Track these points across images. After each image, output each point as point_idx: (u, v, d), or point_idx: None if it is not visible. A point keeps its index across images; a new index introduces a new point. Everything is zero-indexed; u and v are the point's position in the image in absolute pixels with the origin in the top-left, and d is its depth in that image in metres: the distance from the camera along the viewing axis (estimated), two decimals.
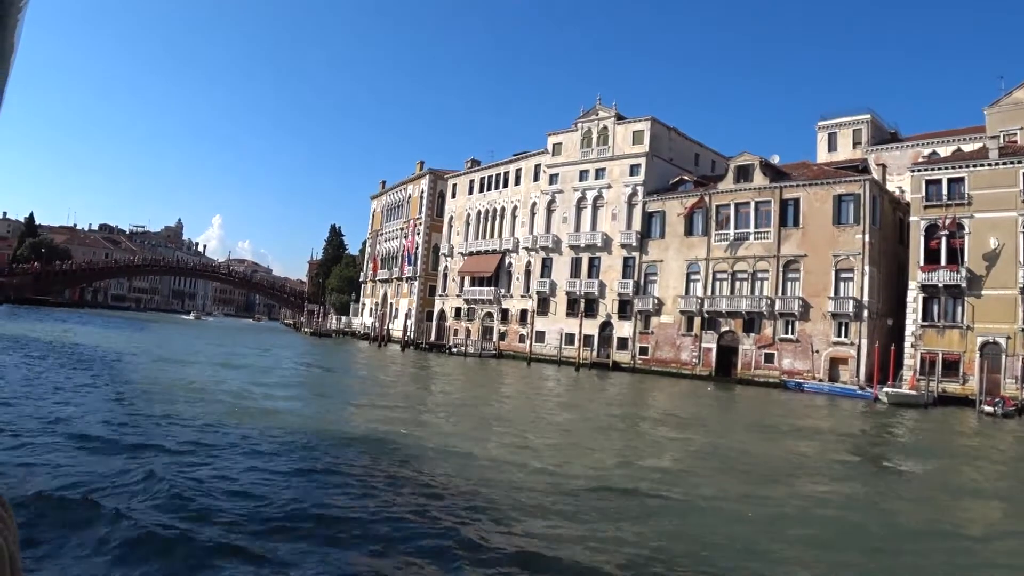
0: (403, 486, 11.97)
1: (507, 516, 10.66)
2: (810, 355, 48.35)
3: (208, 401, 20.67)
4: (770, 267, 51.62)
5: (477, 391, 34.46)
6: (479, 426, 20.95)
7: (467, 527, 9.62)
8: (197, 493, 10.40)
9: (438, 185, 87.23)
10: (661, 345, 57.23)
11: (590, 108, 66.90)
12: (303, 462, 13.35)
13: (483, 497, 11.49)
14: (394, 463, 13.92)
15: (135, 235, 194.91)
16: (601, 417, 26.19)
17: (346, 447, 15.22)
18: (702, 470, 15.79)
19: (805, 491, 14.16)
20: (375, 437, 16.91)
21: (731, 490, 13.57)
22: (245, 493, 10.64)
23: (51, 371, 25.37)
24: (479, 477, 12.96)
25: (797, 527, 11.00)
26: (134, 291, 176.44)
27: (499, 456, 15.44)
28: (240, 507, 9.82)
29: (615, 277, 61.53)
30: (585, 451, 17.53)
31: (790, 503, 12.72)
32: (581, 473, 14.25)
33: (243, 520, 9.26)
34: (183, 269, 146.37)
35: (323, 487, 11.38)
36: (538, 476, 13.55)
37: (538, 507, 11.38)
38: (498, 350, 68.89)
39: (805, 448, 21.01)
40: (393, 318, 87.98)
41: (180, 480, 11.00)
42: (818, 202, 50.06)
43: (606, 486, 13.08)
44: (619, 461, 16.33)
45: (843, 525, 11.41)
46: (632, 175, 61.90)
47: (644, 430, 23.19)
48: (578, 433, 21.11)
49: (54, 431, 14.27)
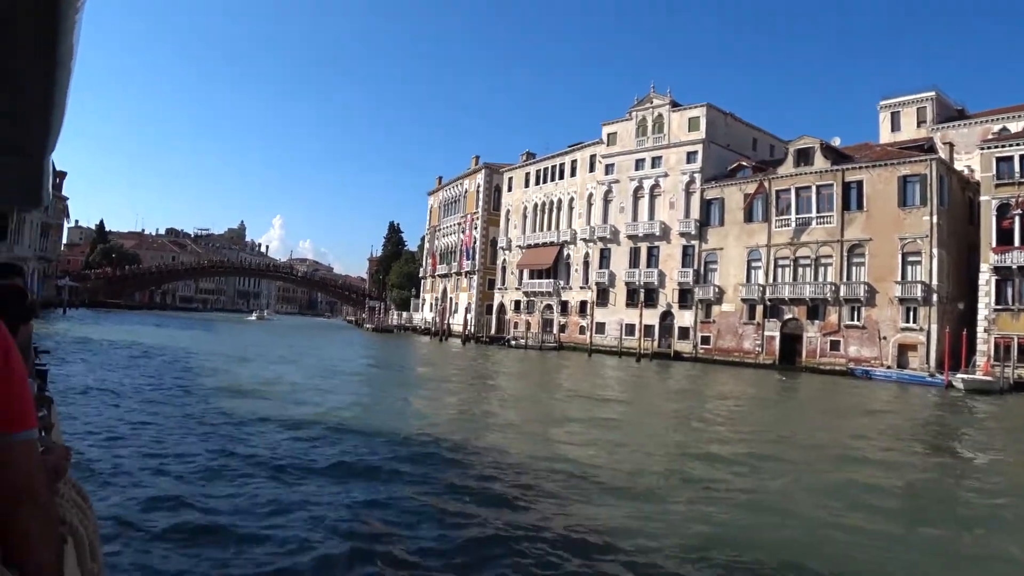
0: (477, 477, 12.01)
1: (582, 504, 10.74)
2: (877, 342, 47.23)
3: (285, 400, 20.99)
4: (834, 252, 50.53)
5: (540, 384, 34.51)
6: (546, 418, 20.96)
7: (547, 519, 9.61)
8: (285, 483, 10.59)
9: (494, 179, 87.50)
10: (723, 334, 56.56)
11: (644, 96, 66.35)
12: (365, 454, 13.50)
13: (558, 486, 11.48)
14: (470, 457, 14.00)
15: (200, 238, 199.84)
16: (674, 408, 26.01)
17: (421, 441, 15.36)
18: (787, 462, 15.49)
19: (893, 483, 13.80)
20: (447, 431, 17.07)
21: (815, 482, 13.30)
22: (324, 484, 10.77)
23: (146, 375, 26.03)
24: (552, 470, 12.90)
25: (881, 523, 10.73)
26: (201, 292, 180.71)
27: (570, 448, 15.39)
28: (320, 498, 9.94)
29: (674, 266, 60.99)
30: (668, 443, 17.35)
31: (873, 496, 12.41)
32: (666, 467, 14.10)
33: (324, 512, 9.37)
34: (247, 269, 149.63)
35: (399, 484, 11.45)
36: (614, 469, 13.46)
37: (613, 496, 11.42)
38: (558, 342, 68.92)
39: (891, 437, 20.49)
40: (453, 312, 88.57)
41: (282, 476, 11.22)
42: (882, 184, 48.78)
43: (697, 478, 12.93)
44: (699, 452, 16.13)
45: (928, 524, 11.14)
46: (689, 162, 61.24)
47: (722, 421, 22.83)
48: (655, 424, 20.89)
49: (144, 433, 14.67)
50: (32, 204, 7.83)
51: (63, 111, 3.63)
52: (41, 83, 2.99)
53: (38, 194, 6.72)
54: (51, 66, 2.71)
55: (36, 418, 1.56)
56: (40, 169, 5.45)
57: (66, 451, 2.86)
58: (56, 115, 3.63)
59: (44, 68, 2.75)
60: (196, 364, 32.13)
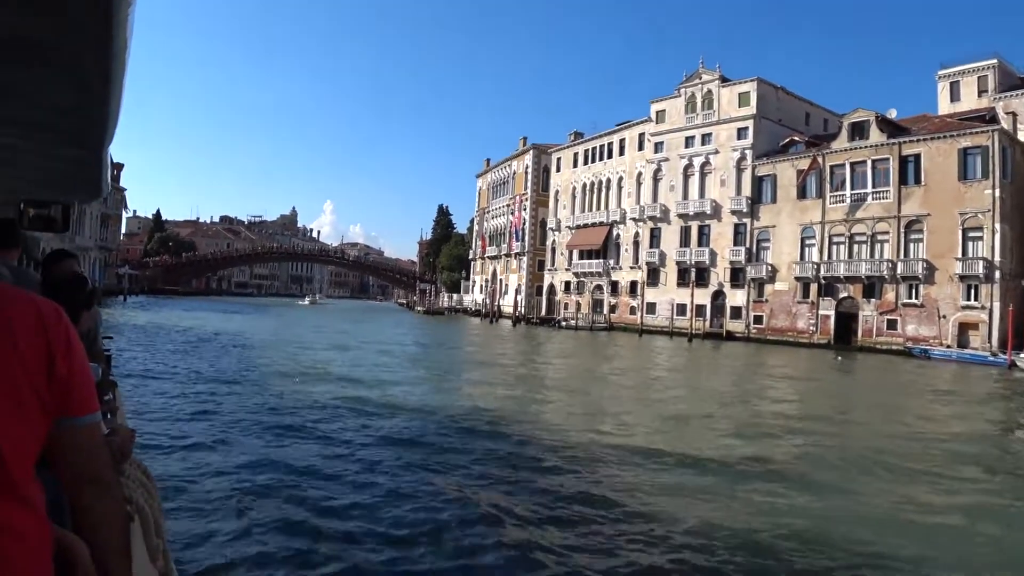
0: (537, 460, 12.02)
1: (642, 476, 10.83)
2: (936, 320, 46.02)
3: (343, 381, 21.18)
4: (890, 228, 49.31)
5: (592, 364, 34.32)
6: (601, 398, 20.84)
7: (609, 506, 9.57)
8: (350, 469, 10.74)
9: (542, 160, 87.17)
10: (776, 313, 55.73)
11: (693, 72, 65.36)
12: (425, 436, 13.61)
13: (617, 461, 11.41)
14: (529, 430, 14.06)
15: (253, 225, 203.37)
16: (731, 389, 25.61)
17: (484, 419, 15.47)
18: (854, 443, 15.15)
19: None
20: (504, 409, 17.20)
21: (884, 465, 12.91)
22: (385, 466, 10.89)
23: (216, 359, 26.53)
24: (610, 446, 12.81)
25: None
26: (255, 278, 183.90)
27: (628, 427, 15.27)
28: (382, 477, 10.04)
29: (726, 245, 60.19)
30: (731, 424, 17.01)
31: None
32: (728, 447, 13.80)
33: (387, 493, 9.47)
34: (299, 255, 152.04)
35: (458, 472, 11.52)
36: (670, 447, 13.35)
37: (670, 474, 11.40)
38: (608, 323, 68.70)
39: (958, 419, 19.97)
40: (503, 294, 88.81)
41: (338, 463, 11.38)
42: (941, 157, 47.34)
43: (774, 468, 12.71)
44: (763, 432, 15.88)
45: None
46: (740, 139, 60.22)
47: (780, 401, 22.40)
48: (711, 405, 20.50)
49: (205, 414, 14.99)
50: (92, 195, 8.13)
51: (119, 103, 3.75)
52: (99, 75, 3.08)
53: (98, 185, 6.98)
54: (106, 59, 2.81)
55: (99, 402, 1.61)
56: (99, 161, 5.67)
57: (131, 433, 2.95)
58: (112, 107, 3.73)
59: (100, 61, 2.84)
60: (253, 347, 32.83)
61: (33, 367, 1.40)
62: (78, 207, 18.23)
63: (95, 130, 4.38)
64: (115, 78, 3.13)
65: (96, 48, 2.68)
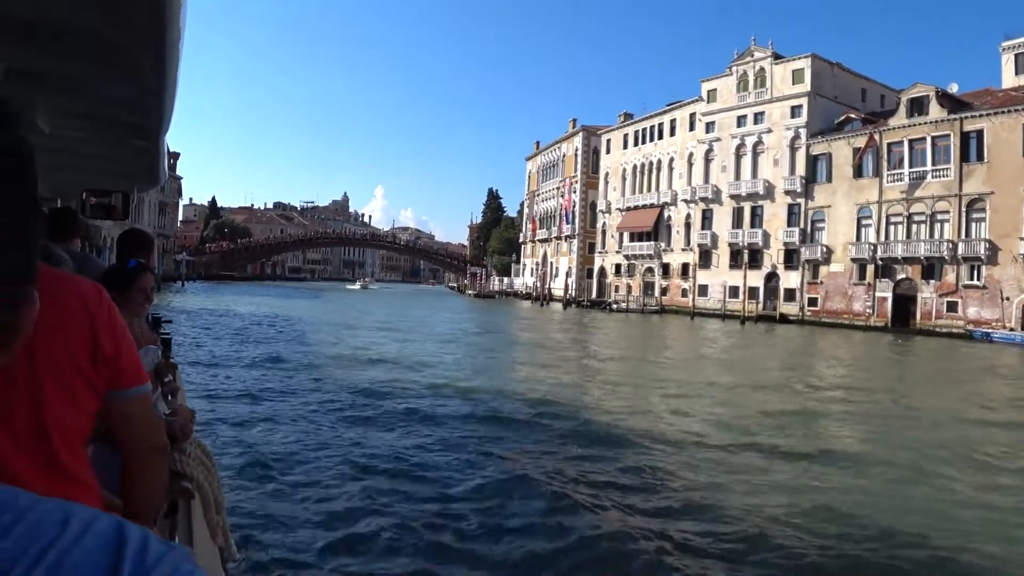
0: (592, 445, 12.00)
1: (697, 458, 10.80)
2: (999, 303, 44.63)
3: (399, 364, 21.33)
4: (951, 207, 47.92)
5: (645, 346, 34.11)
6: (655, 381, 20.52)
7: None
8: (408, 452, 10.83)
9: (592, 142, 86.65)
10: (831, 295, 54.68)
11: (744, 50, 64.16)
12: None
13: (672, 443, 11.28)
14: (583, 412, 14.15)
15: (306, 210, 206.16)
16: (788, 373, 25.04)
17: (540, 400, 15.65)
18: (919, 428, 14.77)
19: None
20: (559, 391, 17.36)
21: (951, 453, 12.56)
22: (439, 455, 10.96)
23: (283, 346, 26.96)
24: (666, 429, 12.65)
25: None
26: (308, 263, 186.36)
27: (683, 410, 15.13)
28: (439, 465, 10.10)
29: (779, 226, 59.16)
30: (788, 407, 16.55)
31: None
32: (788, 431, 13.52)
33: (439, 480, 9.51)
34: (351, 240, 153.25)
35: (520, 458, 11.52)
36: (726, 430, 13.20)
37: (726, 455, 11.34)
38: (660, 305, 68.19)
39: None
40: (554, 277, 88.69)
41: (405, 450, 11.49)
42: (1005, 132, 45.73)
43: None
44: (822, 415, 15.66)
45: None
46: (793, 117, 58.99)
47: (840, 385, 21.87)
48: (768, 389, 20.00)
49: (263, 395, 15.28)
50: (150, 183, 8.43)
51: (174, 93, 3.93)
52: (154, 68, 3.24)
53: (155, 173, 7.24)
54: (162, 51, 2.95)
55: (147, 375, 1.70)
56: (156, 150, 5.92)
57: (191, 413, 3.03)
58: (168, 97, 3.92)
59: (157, 53, 2.99)
60: (308, 331, 33.41)
61: (78, 348, 1.45)
62: (137, 195, 18.93)
63: (152, 121, 4.65)
64: (169, 71, 3.29)
65: (151, 43, 2.83)
